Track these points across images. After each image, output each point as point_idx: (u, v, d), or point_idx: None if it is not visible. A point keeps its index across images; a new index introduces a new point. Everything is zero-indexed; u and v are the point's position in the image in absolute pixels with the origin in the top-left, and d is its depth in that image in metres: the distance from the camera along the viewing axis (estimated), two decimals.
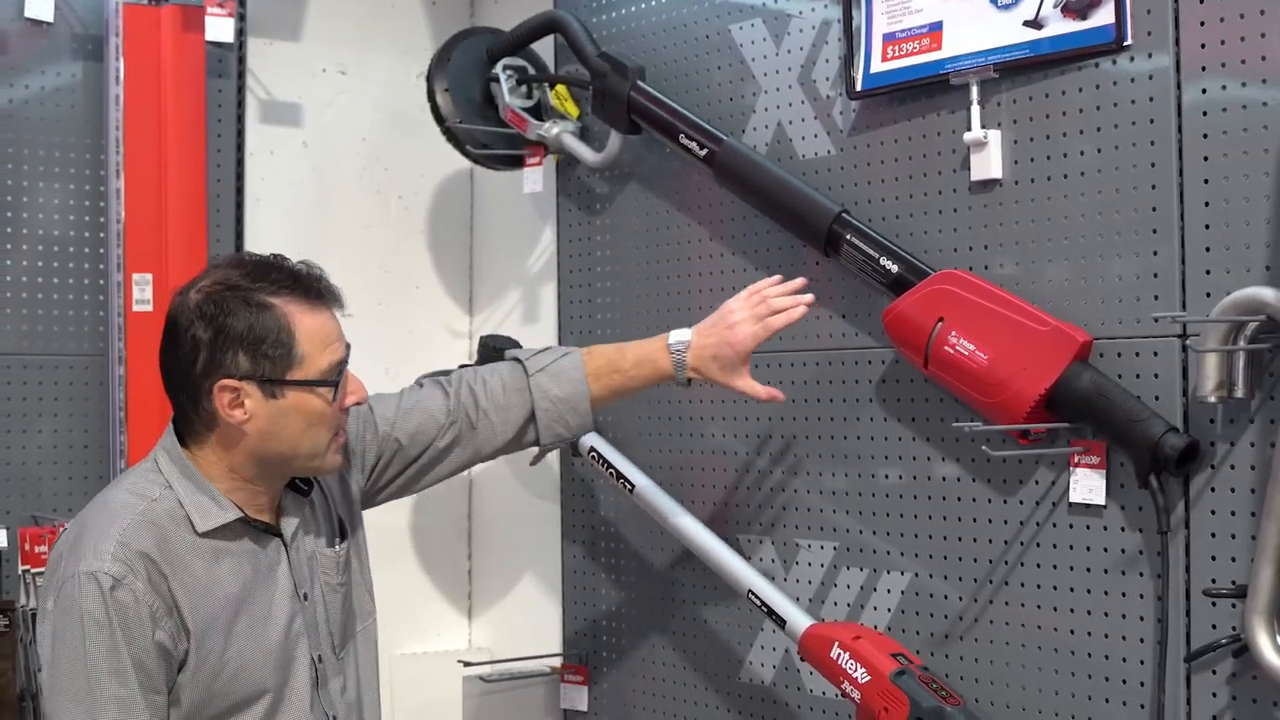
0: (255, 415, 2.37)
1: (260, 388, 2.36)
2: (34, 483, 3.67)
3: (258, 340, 2.35)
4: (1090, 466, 2.69)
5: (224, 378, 2.35)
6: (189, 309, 2.37)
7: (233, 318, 2.35)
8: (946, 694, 2.69)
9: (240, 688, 2.40)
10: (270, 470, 2.45)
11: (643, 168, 3.56)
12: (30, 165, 3.66)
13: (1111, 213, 2.68)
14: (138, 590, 2.29)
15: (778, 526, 3.25)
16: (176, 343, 2.38)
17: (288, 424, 2.39)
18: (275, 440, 2.40)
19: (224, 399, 2.35)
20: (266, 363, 2.36)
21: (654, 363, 2.89)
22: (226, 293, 2.37)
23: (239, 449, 2.40)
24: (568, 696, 3.74)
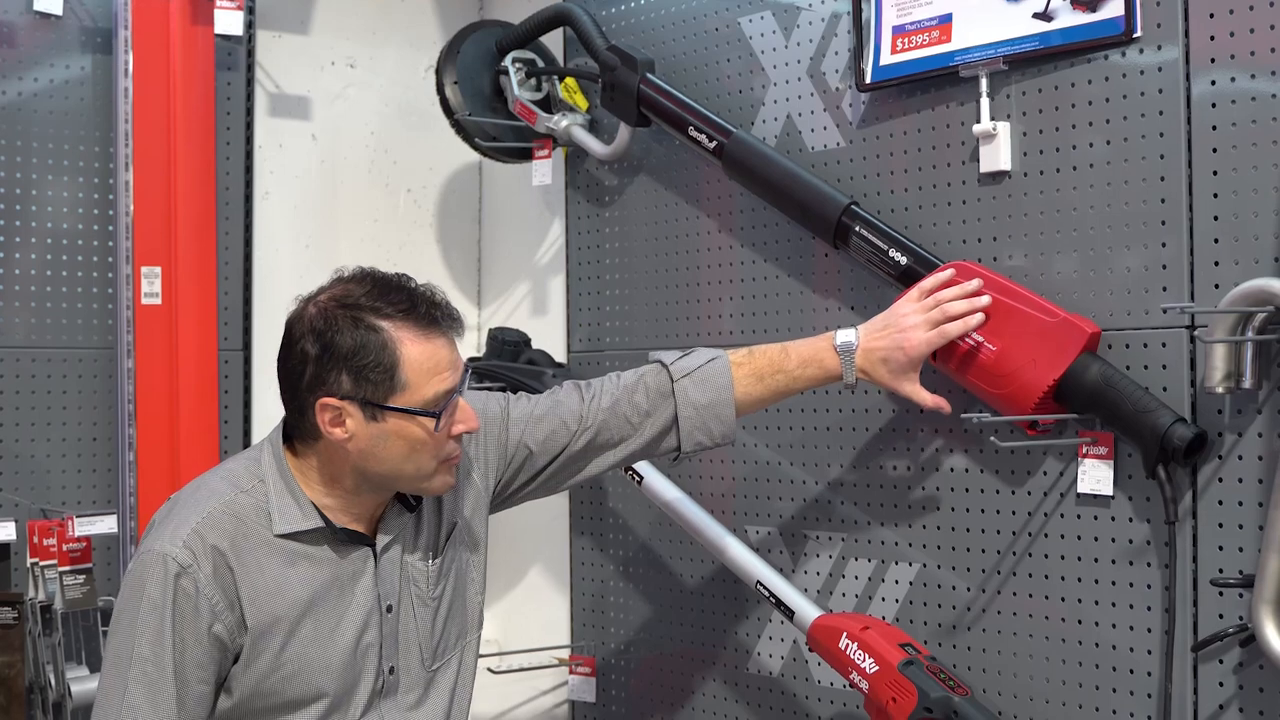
0: (356, 435, 2.37)
1: (362, 409, 2.35)
2: (43, 475, 3.67)
3: (361, 362, 2.34)
4: (1098, 457, 2.70)
5: (326, 395, 2.35)
6: (304, 321, 2.38)
7: (340, 336, 2.34)
8: (955, 684, 2.70)
9: (293, 689, 2.41)
10: (373, 485, 2.44)
11: (652, 160, 3.56)
12: (39, 158, 3.67)
13: (1120, 204, 2.68)
14: (200, 581, 2.32)
15: (786, 518, 3.26)
16: (289, 353, 2.40)
17: (389, 447, 2.38)
18: (376, 461, 2.39)
19: (325, 416, 2.36)
20: (369, 386, 2.35)
21: (820, 363, 2.76)
22: (340, 310, 2.36)
23: (341, 463, 2.41)
24: (575, 688, 3.74)
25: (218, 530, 2.36)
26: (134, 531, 3.65)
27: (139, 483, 3.67)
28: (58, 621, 3.53)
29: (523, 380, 3.55)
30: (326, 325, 2.35)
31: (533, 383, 3.53)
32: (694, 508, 3.21)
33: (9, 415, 3.62)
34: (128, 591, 2.36)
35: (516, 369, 3.58)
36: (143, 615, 2.32)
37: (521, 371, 3.56)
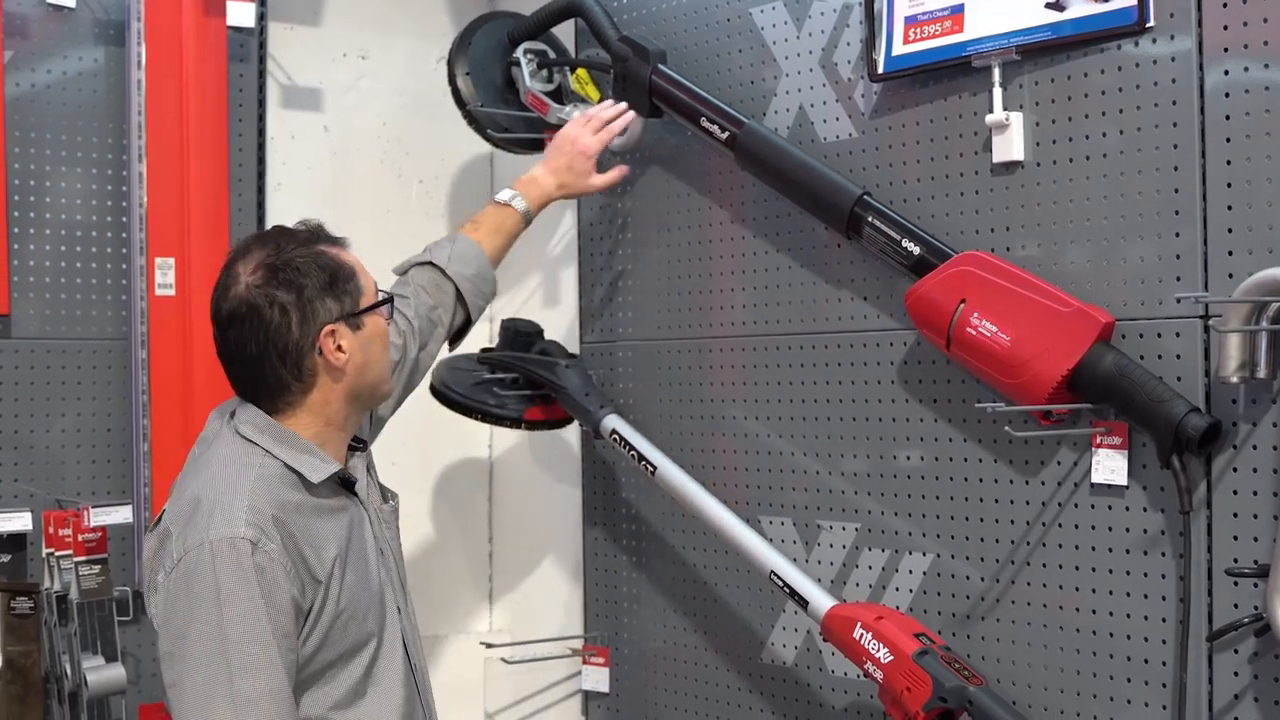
0: (351, 352, 2.53)
1: (348, 324, 2.53)
2: (57, 466, 3.69)
3: (332, 283, 2.51)
4: (1112, 447, 2.70)
5: (322, 326, 2.49)
6: (256, 289, 2.48)
7: (305, 273, 2.49)
8: (969, 674, 2.71)
9: (352, 634, 2.50)
10: (358, 407, 2.61)
11: (664, 151, 3.56)
12: (53, 150, 3.68)
13: (1134, 194, 2.68)
14: (272, 551, 2.38)
15: (799, 508, 3.26)
16: (261, 321, 2.48)
17: (372, 350, 2.58)
18: (368, 369, 2.58)
19: (330, 345, 2.50)
20: (348, 299, 2.53)
21: (512, 215, 3.29)
22: (278, 261, 2.50)
23: (338, 397, 2.55)
24: (589, 678, 3.75)
25: (267, 501, 2.42)
26: (148, 521, 3.66)
27: (153, 473, 3.69)
28: (73, 611, 3.55)
29: (535, 371, 3.56)
30: (286, 273, 2.49)
31: (545, 373, 3.54)
32: (708, 498, 3.21)
33: (24, 406, 3.64)
34: (188, 591, 2.36)
35: (529, 360, 3.59)
36: (226, 606, 2.34)
37: (534, 362, 3.57)
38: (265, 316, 2.47)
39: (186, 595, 2.37)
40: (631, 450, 3.36)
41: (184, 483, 2.54)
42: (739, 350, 3.39)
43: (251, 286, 2.48)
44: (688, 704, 3.53)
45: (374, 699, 2.54)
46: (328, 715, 2.48)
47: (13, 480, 3.62)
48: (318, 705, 2.48)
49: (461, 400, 3.59)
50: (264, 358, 2.49)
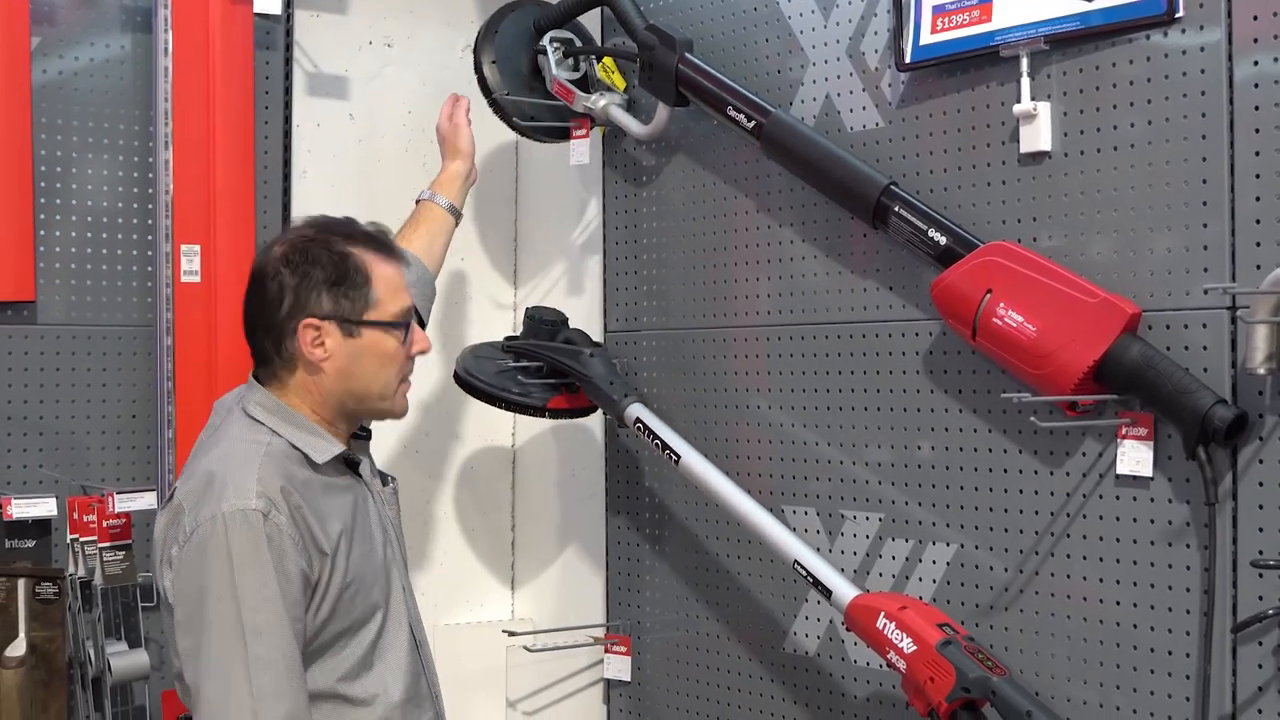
0: (334, 354, 2.58)
1: (340, 327, 2.58)
2: (82, 452, 3.70)
3: (338, 282, 2.57)
4: (1138, 438, 2.69)
5: (308, 317, 2.55)
6: (274, 260, 2.60)
7: (315, 263, 2.57)
8: (993, 664, 2.70)
9: (359, 606, 2.57)
10: (345, 410, 2.65)
11: (690, 140, 3.56)
12: (80, 137, 3.69)
13: (1161, 185, 2.67)
14: (281, 524, 2.44)
15: (823, 498, 3.26)
16: (263, 290, 2.59)
17: (363, 364, 2.60)
18: (351, 379, 2.60)
19: (307, 337, 2.56)
20: (346, 303, 2.57)
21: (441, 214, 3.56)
22: (309, 243, 2.60)
23: (318, 389, 2.60)
24: (611, 666, 3.75)
25: (275, 476, 2.49)
26: None
27: (177, 460, 3.70)
28: (97, 597, 3.56)
29: (560, 359, 3.56)
30: (301, 256, 2.58)
31: (570, 362, 3.54)
32: (731, 487, 3.21)
33: (49, 392, 3.65)
34: (202, 563, 2.42)
35: (553, 348, 3.59)
36: (239, 573, 2.41)
37: (558, 351, 3.57)
38: (266, 287, 2.58)
39: (200, 565, 2.42)
40: (655, 439, 3.36)
41: (195, 461, 2.61)
42: (763, 340, 3.39)
43: (272, 257, 2.61)
44: (709, 693, 3.53)
45: (380, 671, 2.61)
46: (335, 687, 2.54)
47: (38, 466, 3.64)
48: (326, 676, 2.53)
49: (485, 388, 3.59)
50: (255, 324, 2.62)
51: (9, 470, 3.60)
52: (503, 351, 3.66)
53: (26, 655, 3.45)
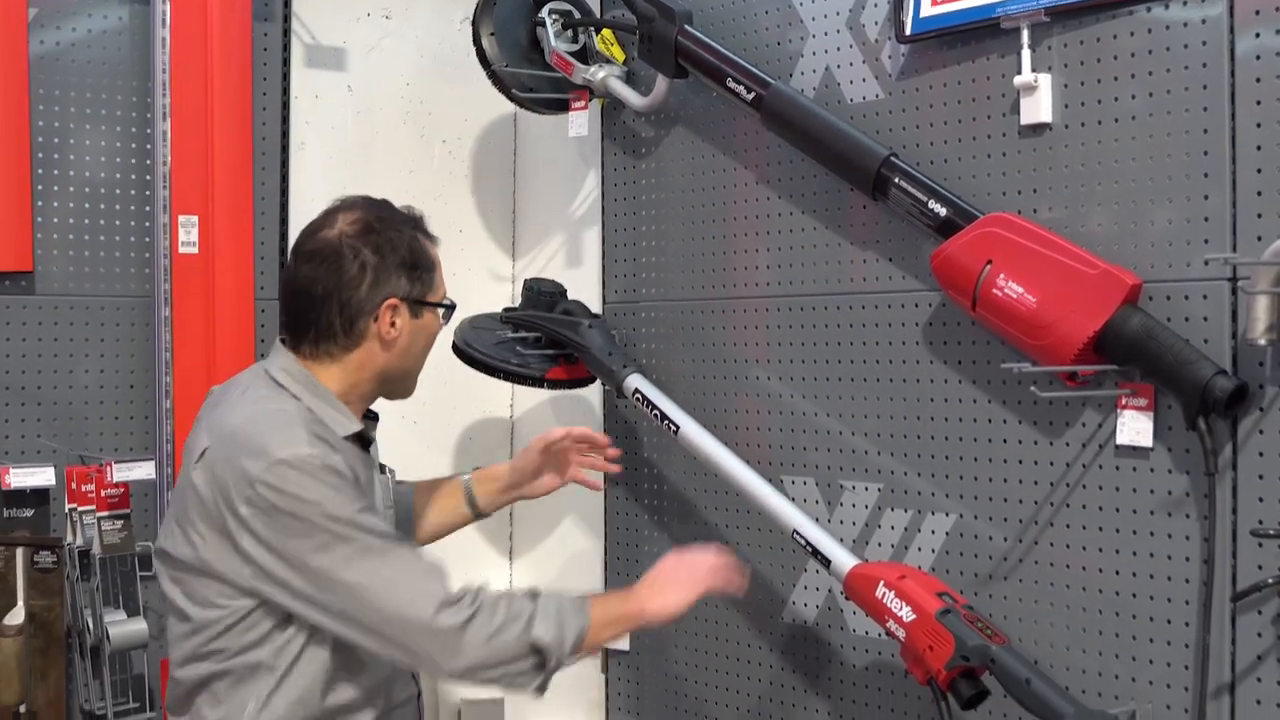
0: (403, 333, 2.65)
1: (409, 307, 2.65)
2: (80, 422, 3.70)
3: (414, 265, 2.65)
4: (1138, 409, 2.71)
5: (391, 296, 2.62)
6: (350, 237, 2.62)
7: (393, 245, 2.63)
8: (992, 632, 2.71)
9: None
10: (382, 389, 2.71)
11: (689, 112, 3.56)
12: (77, 108, 3.68)
13: (1163, 157, 2.68)
14: (336, 462, 2.51)
15: (822, 468, 3.27)
16: (340, 267, 2.60)
17: (417, 343, 2.69)
18: (406, 357, 2.68)
19: (387, 318, 2.62)
20: (419, 285, 2.66)
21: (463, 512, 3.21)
22: (383, 225, 2.64)
23: (371, 367, 2.65)
24: None
25: (317, 430, 2.55)
26: (170, 478, 3.67)
27: (175, 430, 3.70)
28: (96, 566, 3.56)
29: (558, 330, 3.56)
30: (380, 237, 2.62)
31: (568, 333, 3.55)
32: (730, 457, 3.22)
33: (47, 362, 3.65)
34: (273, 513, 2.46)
35: (552, 319, 3.59)
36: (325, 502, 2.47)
37: (557, 322, 3.57)
38: (344, 266, 2.60)
39: (271, 518, 2.46)
40: (654, 410, 3.37)
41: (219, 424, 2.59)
42: (763, 311, 3.39)
43: (345, 235, 2.61)
44: (708, 662, 3.54)
45: None
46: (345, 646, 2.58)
47: (36, 436, 3.64)
48: None
49: (484, 359, 3.60)
50: (327, 301, 2.61)
51: (7, 440, 3.60)
52: (501, 323, 3.67)
53: (25, 624, 3.46)
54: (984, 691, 2.72)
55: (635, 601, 2.75)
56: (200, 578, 2.52)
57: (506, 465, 3.19)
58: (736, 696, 3.48)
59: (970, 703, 2.72)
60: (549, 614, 2.57)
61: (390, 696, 2.66)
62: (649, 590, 2.76)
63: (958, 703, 2.72)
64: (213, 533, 2.50)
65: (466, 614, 2.51)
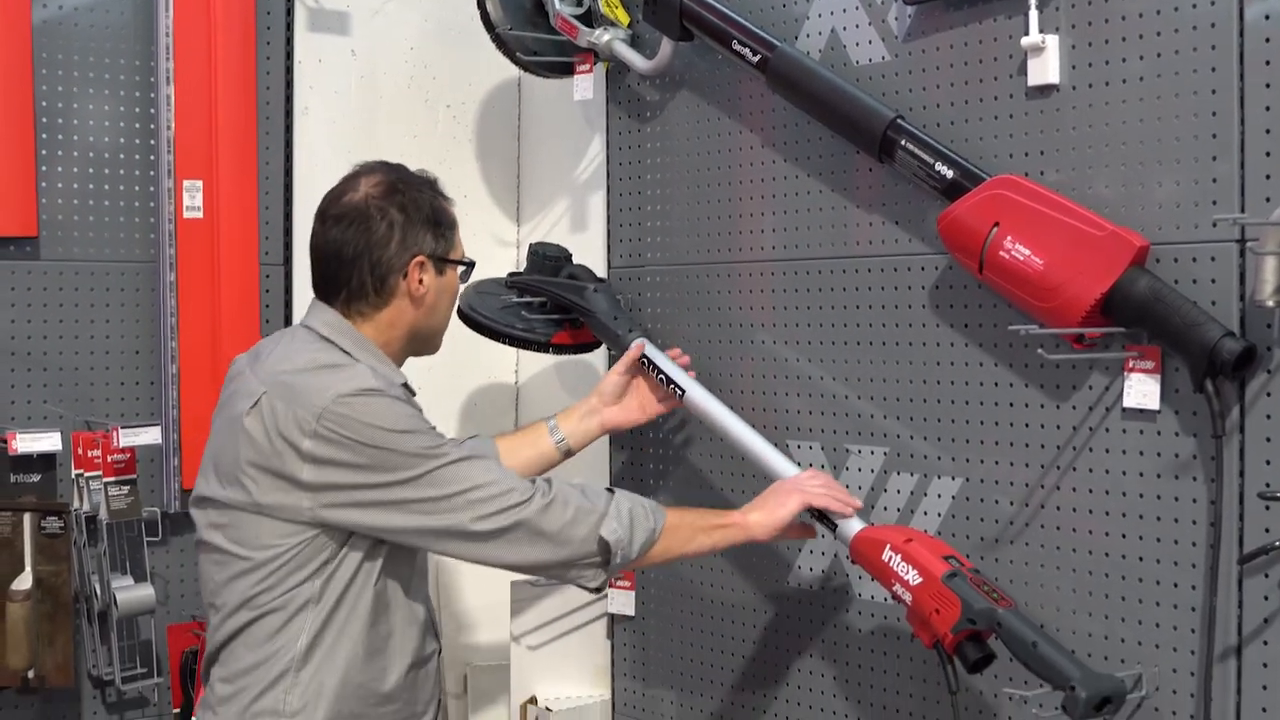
0: (430, 289, 2.79)
1: (434, 264, 2.79)
2: (86, 388, 3.71)
3: (437, 223, 2.80)
4: (1145, 371, 2.70)
5: (418, 254, 2.76)
6: (376, 199, 2.75)
7: (419, 203, 2.77)
8: (998, 596, 2.71)
9: None
10: (412, 347, 2.85)
11: (694, 75, 3.55)
12: (80, 72, 3.68)
13: (1171, 118, 2.67)
14: (400, 394, 2.69)
15: (828, 432, 3.26)
16: (369, 228, 2.74)
17: (442, 300, 2.85)
18: (434, 314, 2.84)
19: (415, 275, 2.76)
20: (443, 242, 2.81)
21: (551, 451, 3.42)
22: (406, 186, 2.78)
23: (402, 324, 2.79)
24: (615, 601, 3.77)
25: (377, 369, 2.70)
26: (177, 443, 3.68)
27: (181, 395, 3.71)
28: (103, 532, 3.57)
29: (563, 295, 3.55)
30: (405, 197, 2.76)
31: (573, 297, 3.54)
32: (736, 421, 3.22)
33: (53, 328, 3.65)
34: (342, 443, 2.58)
35: (556, 284, 3.58)
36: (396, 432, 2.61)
37: (562, 286, 3.57)
38: (373, 226, 2.73)
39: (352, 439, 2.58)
40: (659, 374, 3.37)
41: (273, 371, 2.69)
42: (768, 275, 3.38)
43: (370, 197, 2.75)
44: (713, 627, 3.54)
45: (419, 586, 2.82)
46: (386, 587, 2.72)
47: (42, 401, 3.64)
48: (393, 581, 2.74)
49: (488, 324, 3.59)
50: (358, 261, 2.74)
51: (13, 405, 3.60)
52: (506, 288, 3.65)
53: (33, 589, 3.47)
54: (990, 655, 2.72)
55: (737, 514, 2.93)
56: (256, 518, 2.63)
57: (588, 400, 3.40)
58: (742, 662, 3.48)
59: (976, 666, 2.72)
60: (621, 512, 2.74)
61: (420, 649, 2.77)
62: (751, 506, 2.94)
63: (964, 666, 2.72)
64: (267, 475, 2.60)
65: (541, 503, 2.67)
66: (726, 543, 2.92)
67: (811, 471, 3.05)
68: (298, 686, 2.62)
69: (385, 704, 2.71)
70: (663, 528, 2.80)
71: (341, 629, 2.64)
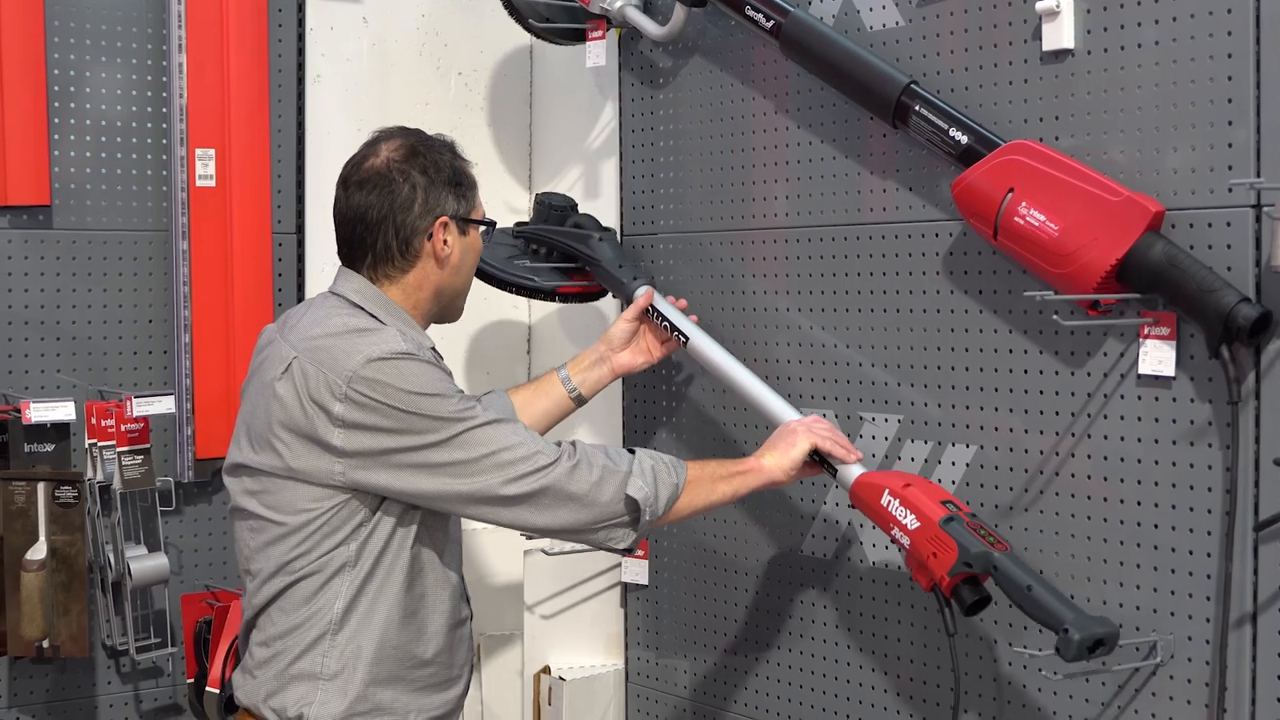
0: (454, 250, 2.79)
1: (458, 225, 2.79)
2: (99, 357, 3.71)
3: (459, 183, 2.79)
4: (1160, 338, 2.68)
5: (443, 215, 2.76)
6: (397, 162, 2.75)
7: (440, 165, 2.78)
8: (995, 540, 2.73)
9: None
10: (438, 309, 2.84)
11: (707, 41, 3.53)
12: (93, 40, 3.67)
13: (1186, 83, 2.65)
14: (431, 356, 2.70)
15: (841, 399, 3.25)
16: (392, 191, 2.74)
17: (466, 260, 2.84)
18: (458, 275, 2.83)
19: (440, 236, 2.76)
20: (465, 203, 2.81)
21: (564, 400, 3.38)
22: (426, 148, 2.79)
23: (429, 285, 2.79)
24: (628, 570, 3.76)
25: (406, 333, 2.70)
26: (190, 412, 3.68)
27: (195, 364, 3.71)
28: (116, 501, 3.57)
29: (569, 244, 3.53)
30: (426, 160, 2.76)
31: (579, 246, 3.51)
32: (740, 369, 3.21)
33: (66, 297, 3.65)
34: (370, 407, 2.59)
35: (562, 233, 3.56)
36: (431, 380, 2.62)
37: (567, 235, 3.54)
38: (396, 190, 2.73)
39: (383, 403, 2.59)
40: (664, 321, 3.34)
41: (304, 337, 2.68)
42: (782, 242, 3.37)
43: (391, 161, 2.75)
44: (727, 595, 3.54)
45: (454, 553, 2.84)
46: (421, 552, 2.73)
47: (55, 370, 3.64)
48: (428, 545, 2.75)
49: (496, 273, 3.55)
50: (382, 224, 2.74)
51: (27, 375, 3.61)
52: (513, 237, 3.62)
53: (47, 559, 3.47)
54: (986, 598, 2.73)
55: (751, 460, 2.93)
56: (289, 483, 2.64)
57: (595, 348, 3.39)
58: (755, 630, 3.48)
59: (973, 609, 2.73)
60: (645, 470, 2.75)
61: (455, 612, 2.79)
62: (763, 450, 2.95)
63: (960, 609, 2.73)
64: (299, 439, 2.61)
65: (568, 465, 2.67)
66: (747, 488, 2.91)
67: (814, 417, 3.04)
68: (335, 649, 2.64)
69: (422, 667, 2.73)
70: (685, 481, 2.81)
71: (378, 592, 2.66)
